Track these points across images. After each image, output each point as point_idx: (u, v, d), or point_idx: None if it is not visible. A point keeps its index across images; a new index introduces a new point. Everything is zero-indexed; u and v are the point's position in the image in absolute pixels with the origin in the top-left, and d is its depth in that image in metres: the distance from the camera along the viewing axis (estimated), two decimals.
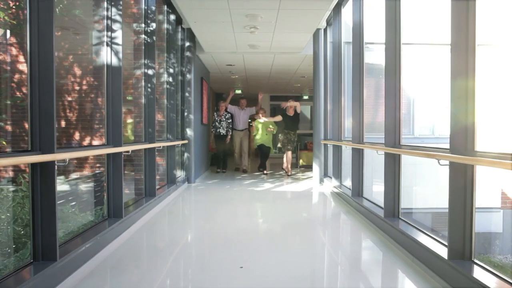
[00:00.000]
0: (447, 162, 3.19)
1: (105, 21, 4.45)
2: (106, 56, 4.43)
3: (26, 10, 3.01)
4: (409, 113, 10.08)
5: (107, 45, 4.43)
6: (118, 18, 4.48)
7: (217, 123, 10.93)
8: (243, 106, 11.32)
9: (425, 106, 8.75)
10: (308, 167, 11.43)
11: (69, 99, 5.70)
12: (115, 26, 4.47)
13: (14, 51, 4.81)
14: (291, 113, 10.17)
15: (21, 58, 4.76)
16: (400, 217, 4.55)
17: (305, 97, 17.17)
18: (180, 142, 8.06)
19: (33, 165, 3.01)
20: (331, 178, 8.10)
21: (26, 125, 3.05)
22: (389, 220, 4.49)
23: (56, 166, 3.07)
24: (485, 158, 2.73)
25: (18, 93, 4.83)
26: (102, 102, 4.58)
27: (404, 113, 4.63)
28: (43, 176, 3.01)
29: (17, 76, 4.85)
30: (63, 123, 5.72)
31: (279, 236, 4.91)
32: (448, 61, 3.15)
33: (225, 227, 5.20)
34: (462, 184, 3.11)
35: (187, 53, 8.66)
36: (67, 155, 3.20)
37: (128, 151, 4.67)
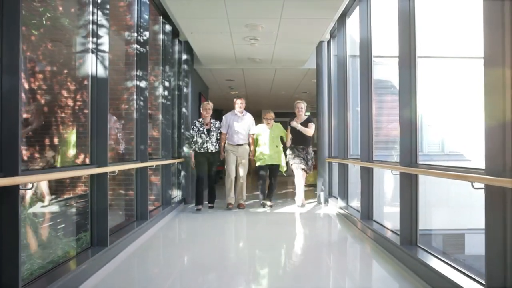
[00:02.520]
0: (482, 185, 2.72)
1: (90, 26, 4.03)
2: (90, 65, 4.00)
3: None
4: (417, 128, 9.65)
5: (92, 52, 4.00)
6: (104, 22, 4.06)
7: (201, 136, 7.27)
8: (241, 108, 7.55)
9: (433, 121, 8.34)
10: (311, 186, 10.80)
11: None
12: (101, 32, 4.05)
13: None
14: (298, 119, 7.75)
15: None
16: (418, 244, 4.07)
17: (307, 114, 16.77)
18: (176, 161, 7.60)
19: None
20: (336, 198, 7.62)
21: None
22: (406, 248, 4.02)
23: (28, 191, 2.60)
24: None
25: None
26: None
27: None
28: (4, 202, 2.53)
29: None
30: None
31: (281, 264, 4.41)
32: (461, 73, 2.71)
33: (223, 253, 4.71)
34: (501, 211, 2.64)
35: (184, 66, 8.26)
36: (35, 178, 2.74)
37: (114, 172, 4.20)
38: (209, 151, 7.28)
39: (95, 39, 4.02)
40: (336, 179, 7.82)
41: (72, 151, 4.76)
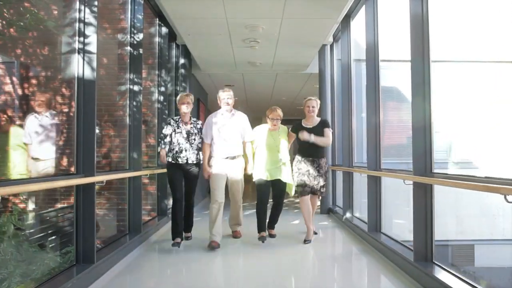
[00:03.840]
0: None
1: (77, 24, 3.71)
2: (77, 66, 3.68)
3: None
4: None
5: (78, 52, 3.68)
6: (92, 20, 3.74)
7: (178, 140, 5.12)
8: (229, 105, 5.28)
9: (441, 127, 8.03)
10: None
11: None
12: (89, 31, 3.72)
13: None
14: (308, 124, 5.46)
15: None
16: (434, 260, 3.73)
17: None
18: None
19: None
20: (340, 208, 7.28)
21: None
22: (420, 265, 3.68)
23: None
24: None
25: None
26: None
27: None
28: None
29: None
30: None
31: (284, 282, 4.05)
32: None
33: (222, 270, 4.35)
34: None
35: (182, 71, 7.96)
36: (8, 190, 2.40)
37: (102, 182, 3.87)
38: (189, 161, 5.14)
39: (82, 39, 3.70)
40: (340, 189, 7.48)
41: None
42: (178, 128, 5.14)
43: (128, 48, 5.21)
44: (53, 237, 4.94)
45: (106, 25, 5.48)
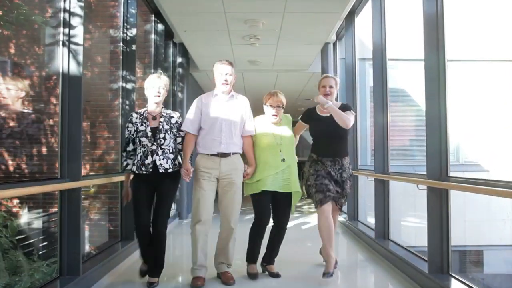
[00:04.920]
0: None
1: (61, 14, 3.42)
2: (61, 60, 3.38)
3: None
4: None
5: (63, 45, 3.39)
6: (78, 10, 3.44)
7: (142, 141, 3.58)
8: (227, 84, 3.75)
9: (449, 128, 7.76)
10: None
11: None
12: (75, 21, 3.43)
13: None
14: (325, 111, 4.00)
15: None
16: (450, 272, 3.43)
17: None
18: None
19: None
20: (344, 213, 6.98)
21: None
22: (436, 277, 3.39)
23: None
24: None
25: None
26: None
27: (423, 135, 3.72)
28: None
29: None
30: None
31: None
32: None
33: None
34: None
35: (179, 70, 7.68)
36: None
37: (88, 187, 3.56)
38: (159, 171, 3.54)
39: (67, 30, 3.41)
40: None
41: None
42: (141, 124, 3.58)
43: (121, 44, 4.92)
44: (40, 245, 4.66)
45: (97, 19, 5.19)
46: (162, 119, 3.61)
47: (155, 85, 3.55)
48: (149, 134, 3.55)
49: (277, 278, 3.88)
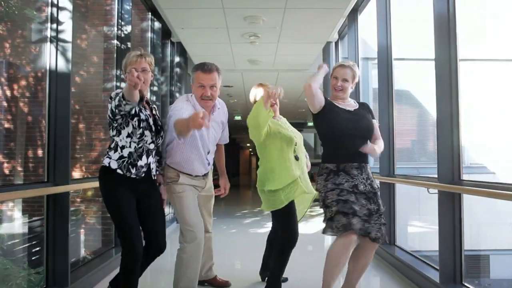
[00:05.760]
0: None
1: (49, 9, 3.22)
2: (48, 57, 3.18)
3: None
4: (435, 138, 8.84)
5: (51, 41, 3.18)
6: (67, 4, 3.24)
7: (142, 135, 2.68)
8: (214, 92, 3.02)
9: None
10: (315, 201, 9.73)
11: None
12: (63, 16, 3.22)
13: None
14: (347, 103, 3.14)
15: None
16: (464, 282, 3.22)
17: (310, 124, 16.07)
18: None
19: None
20: None
21: None
22: (448, 287, 3.17)
23: None
24: None
25: None
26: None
27: (429, 137, 3.53)
28: None
29: None
30: None
31: None
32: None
33: None
34: None
35: (177, 70, 7.49)
36: None
37: (77, 191, 3.35)
38: (152, 176, 2.80)
39: (54, 25, 3.20)
40: None
41: None
42: (139, 110, 2.69)
43: (115, 41, 4.72)
44: (30, 252, 4.45)
45: (90, 16, 5.01)
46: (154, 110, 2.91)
47: (136, 61, 2.78)
48: (153, 128, 2.76)
49: (284, 282, 3.56)
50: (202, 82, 2.97)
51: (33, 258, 4.09)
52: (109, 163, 2.64)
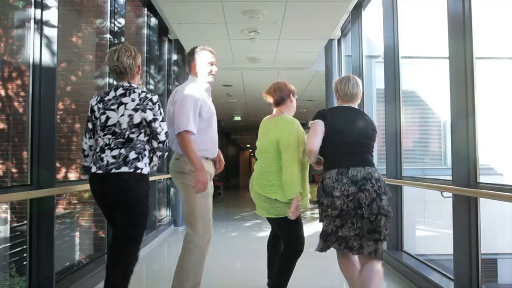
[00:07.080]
0: None
1: None
2: (32, 49, 2.94)
3: None
4: (440, 138, 8.64)
5: (34, 30, 2.94)
6: None
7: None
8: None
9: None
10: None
11: None
12: (49, 2, 2.98)
13: None
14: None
15: None
16: None
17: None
18: (164, 176, 6.50)
19: None
20: None
21: None
22: None
23: None
24: None
25: None
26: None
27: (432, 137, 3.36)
28: None
29: None
30: None
31: None
32: None
33: None
34: None
35: (175, 68, 7.28)
36: None
37: (61, 195, 3.11)
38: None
39: (39, 11, 2.96)
40: None
41: None
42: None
43: (108, 35, 4.49)
44: (18, 258, 4.23)
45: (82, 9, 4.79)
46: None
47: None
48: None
49: None
50: (213, 60, 3.18)
51: (23, 264, 3.87)
52: (142, 170, 2.64)
